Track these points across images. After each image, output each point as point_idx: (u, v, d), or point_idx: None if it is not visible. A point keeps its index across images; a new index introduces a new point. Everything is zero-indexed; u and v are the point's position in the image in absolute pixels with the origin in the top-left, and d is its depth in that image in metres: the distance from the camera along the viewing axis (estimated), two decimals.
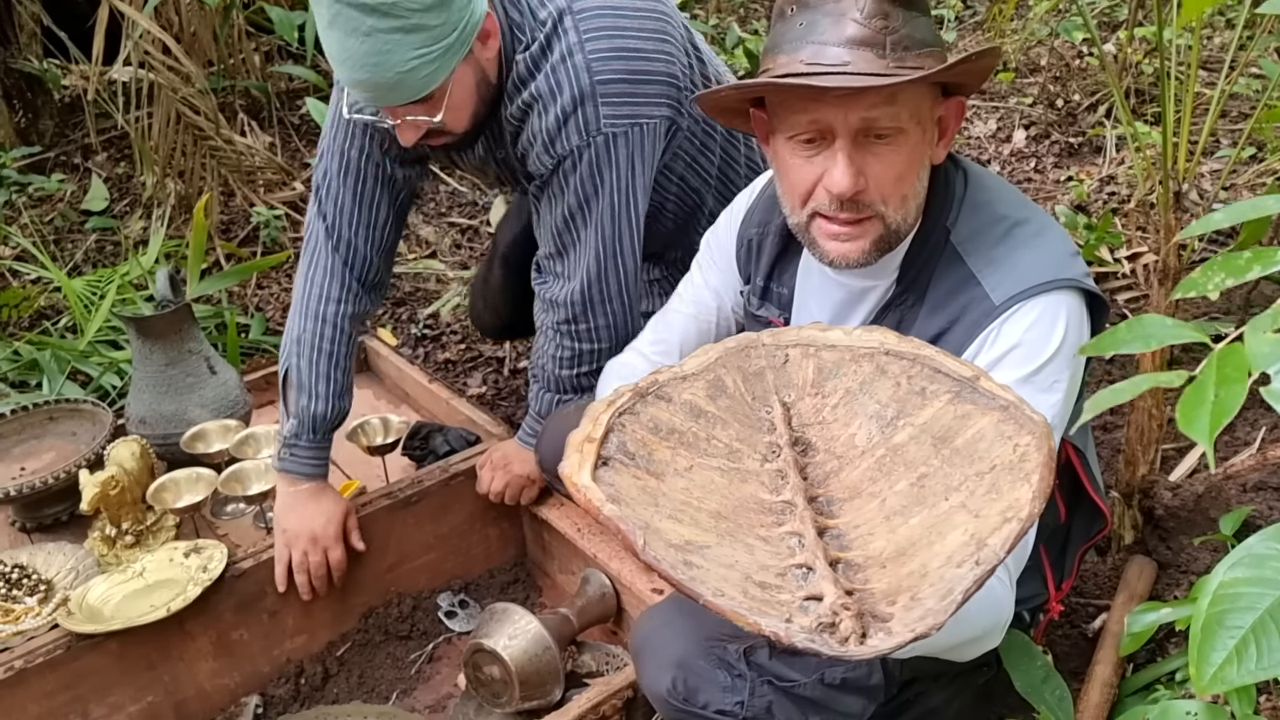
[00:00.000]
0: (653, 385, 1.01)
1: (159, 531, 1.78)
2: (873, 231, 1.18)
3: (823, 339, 1.10)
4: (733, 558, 0.83)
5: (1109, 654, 1.52)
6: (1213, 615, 0.81)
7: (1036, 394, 1.13)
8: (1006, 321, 1.15)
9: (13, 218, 3.40)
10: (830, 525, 0.92)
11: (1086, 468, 1.32)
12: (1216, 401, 0.68)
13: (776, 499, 0.94)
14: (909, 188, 1.17)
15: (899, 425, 0.98)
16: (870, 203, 1.16)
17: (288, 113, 4.01)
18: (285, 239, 3.39)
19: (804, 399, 1.08)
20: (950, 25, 4.68)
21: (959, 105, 1.21)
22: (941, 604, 0.76)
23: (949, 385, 0.97)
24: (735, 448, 1.00)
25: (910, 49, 1.10)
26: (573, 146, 1.52)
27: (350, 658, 1.75)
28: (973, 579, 0.77)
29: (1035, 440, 0.87)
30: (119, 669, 1.55)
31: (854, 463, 0.98)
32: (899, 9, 1.11)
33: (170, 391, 1.91)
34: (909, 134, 1.14)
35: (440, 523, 1.83)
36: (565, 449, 0.91)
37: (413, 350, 2.90)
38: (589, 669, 1.65)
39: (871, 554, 0.87)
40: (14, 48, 3.66)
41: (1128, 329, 0.79)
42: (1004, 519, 0.81)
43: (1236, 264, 0.73)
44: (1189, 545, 1.72)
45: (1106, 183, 3.27)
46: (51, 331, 2.84)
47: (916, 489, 0.91)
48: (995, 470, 0.87)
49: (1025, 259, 1.17)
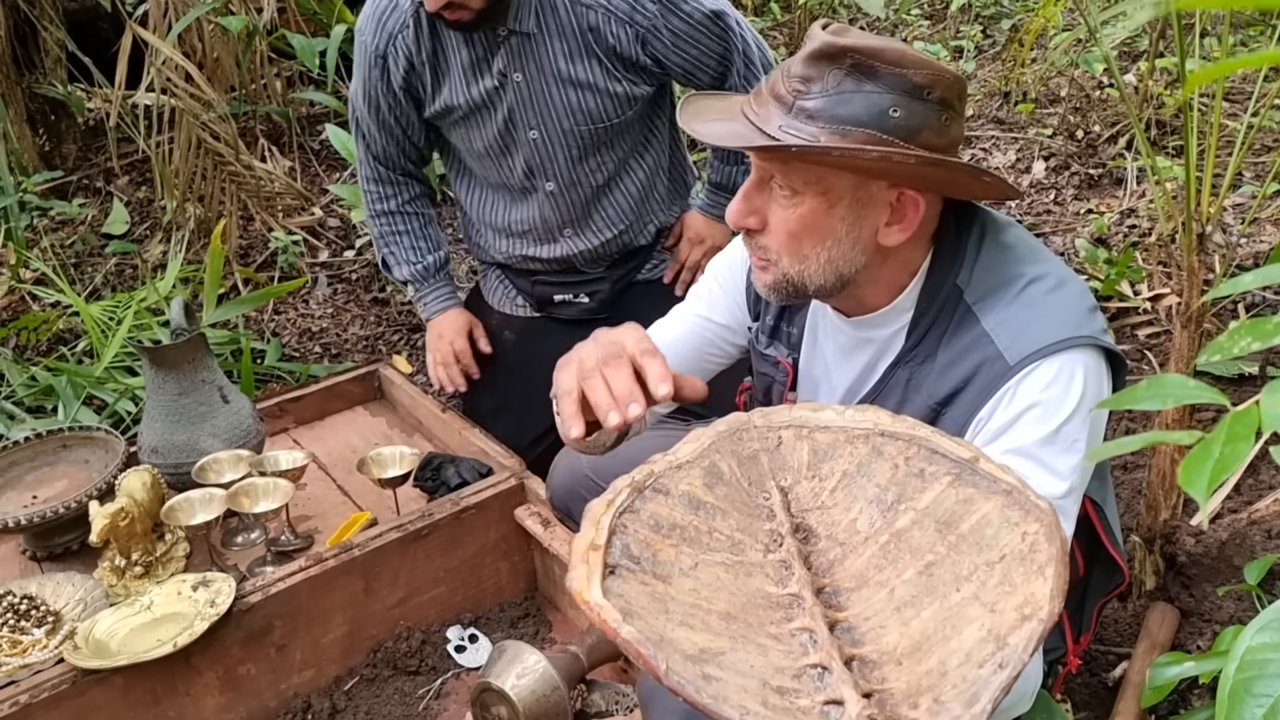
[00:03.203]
0: (649, 478, 0.99)
1: (168, 561, 1.78)
2: (771, 273, 1.19)
3: (815, 420, 1.08)
4: (748, 663, 0.82)
5: (1130, 705, 1.49)
6: (1239, 682, 0.79)
7: (1057, 454, 1.11)
8: (1023, 381, 1.12)
9: (34, 241, 3.43)
10: (840, 619, 0.90)
11: (1105, 522, 1.29)
12: (1219, 459, 0.67)
13: (783, 592, 0.92)
14: (809, 250, 1.15)
15: (900, 510, 0.97)
16: (765, 247, 1.18)
17: (308, 138, 4.04)
18: (303, 264, 3.40)
19: (801, 482, 1.06)
20: (969, 55, 4.67)
21: (912, 199, 1.14)
22: (970, 711, 0.75)
23: (948, 467, 0.96)
24: (737, 539, 0.98)
25: (817, 119, 1.07)
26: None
27: (358, 693, 1.73)
28: (999, 684, 0.76)
29: (1044, 529, 0.85)
30: (124, 704, 1.53)
31: (858, 550, 0.97)
32: (840, 77, 1.07)
33: (183, 421, 1.90)
34: (805, 200, 1.12)
35: (451, 556, 1.82)
36: (571, 558, 0.89)
37: (427, 378, 2.90)
38: (598, 709, 1.62)
39: (885, 649, 0.85)
40: (39, 73, 3.71)
41: (1147, 387, 0.78)
42: (1022, 616, 0.80)
43: (1264, 329, 0.72)
44: (1212, 593, 1.69)
45: (1127, 215, 3.24)
46: (68, 356, 2.86)
47: (925, 578, 0.90)
48: (1006, 560, 0.86)
49: (1040, 317, 1.14)
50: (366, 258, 3.45)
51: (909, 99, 1.07)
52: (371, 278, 3.40)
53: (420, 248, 2.19)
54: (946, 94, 1.10)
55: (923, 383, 1.20)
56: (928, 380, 1.20)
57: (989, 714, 0.76)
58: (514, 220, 2.09)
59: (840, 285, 1.19)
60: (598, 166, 2.00)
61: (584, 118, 1.92)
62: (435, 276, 2.22)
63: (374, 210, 2.18)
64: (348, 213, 3.46)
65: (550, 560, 1.82)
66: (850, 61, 1.07)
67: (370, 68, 1.96)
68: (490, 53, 1.88)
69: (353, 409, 2.37)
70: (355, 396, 2.38)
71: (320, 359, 3.01)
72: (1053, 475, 1.11)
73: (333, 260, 3.52)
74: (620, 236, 2.11)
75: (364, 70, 1.98)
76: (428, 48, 1.89)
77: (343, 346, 3.08)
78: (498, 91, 1.91)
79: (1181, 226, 1.55)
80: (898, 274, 1.21)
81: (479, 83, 1.91)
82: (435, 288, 2.22)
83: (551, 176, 2.00)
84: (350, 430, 2.29)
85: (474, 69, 1.90)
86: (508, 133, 1.95)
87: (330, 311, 3.27)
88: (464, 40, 1.87)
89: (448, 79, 1.93)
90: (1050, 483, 1.10)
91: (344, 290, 3.39)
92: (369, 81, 1.98)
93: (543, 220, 2.06)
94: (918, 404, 1.21)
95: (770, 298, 1.24)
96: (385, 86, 1.97)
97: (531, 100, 1.91)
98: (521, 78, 1.89)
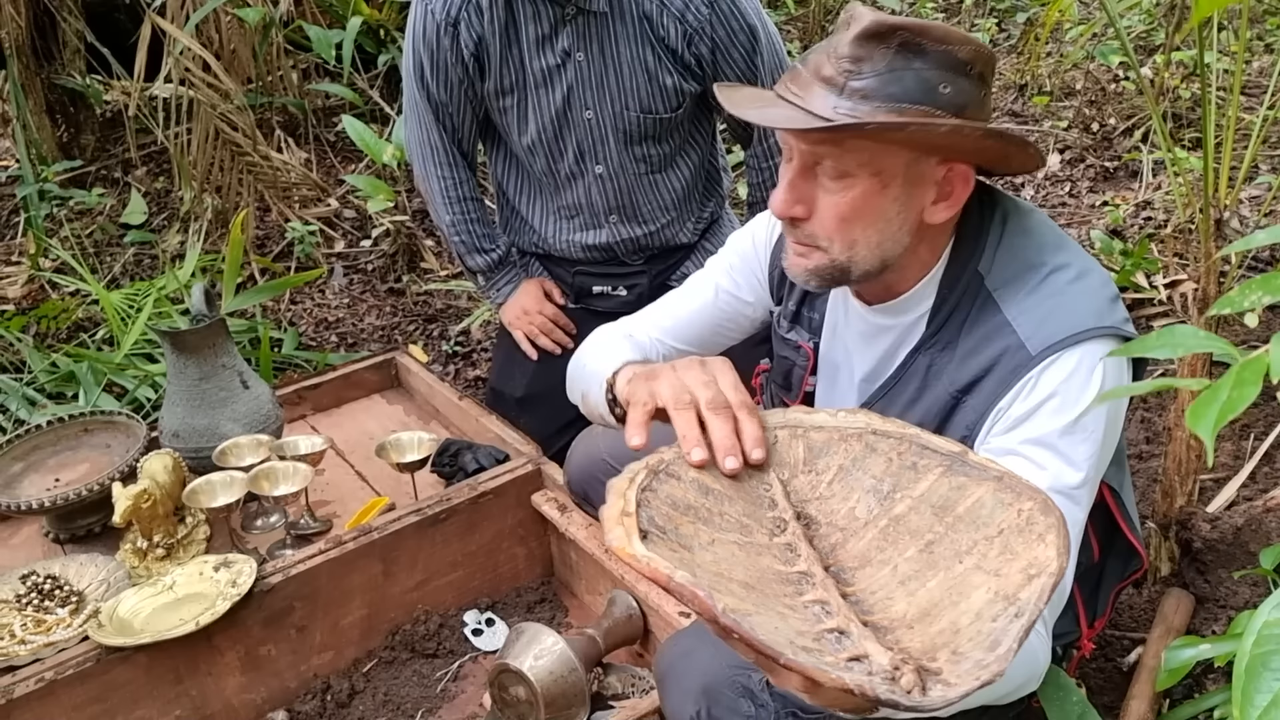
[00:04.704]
0: (661, 464, 1.02)
1: (189, 544, 1.80)
2: (815, 259, 1.18)
3: (809, 421, 1.11)
4: (773, 624, 0.84)
5: (1145, 689, 1.50)
6: (1257, 657, 0.79)
7: (1076, 444, 1.11)
8: (1045, 371, 1.12)
9: (54, 230, 3.46)
10: (849, 593, 0.93)
11: (1122, 507, 1.29)
12: (1226, 401, 0.68)
13: (792, 570, 0.95)
14: (859, 234, 1.14)
15: (896, 498, 1.00)
16: (812, 234, 1.16)
17: (323, 129, 4.06)
18: (319, 254, 3.42)
19: (798, 476, 1.08)
20: None
21: (962, 173, 1.15)
22: (993, 654, 0.77)
23: (939, 460, 1.00)
24: (745, 523, 1.00)
25: (872, 99, 1.06)
26: None
27: (377, 675, 1.75)
28: (1017, 630, 0.78)
29: (1038, 505, 0.88)
30: (147, 682, 1.55)
31: (858, 534, 0.99)
32: (889, 56, 1.07)
33: (203, 405, 1.92)
34: (859, 181, 1.11)
35: (468, 541, 1.83)
36: (604, 522, 0.91)
37: (443, 367, 2.92)
38: (614, 691, 1.64)
39: (895, 617, 0.88)
40: (58, 64, 3.73)
41: (1158, 337, 0.78)
42: (1029, 576, 0.82)
43: (1275, 283, 0.72)
44: (1227, 579, 1.69)
45: (1142, 208, 3.24)
46: (89, 344, 2.88)
47: (926, 555, 0.92)
48: (1004, 534, 0.89)
49: (1063, 307, 1.14)
50: (382, 248, 3.47)
51: (955, 75, 1.08)
52: (387, 268, 3.42)
53: (492, 234, 2.21)
54: (985, 69, 1.11)
55: (943, 370, 1.20)
56: (948, 367, 1.20)
57: (1015, 652, 0.77)
58: (562, 205, 2.12)
59: (882, 269, 1.18)
60: (643, 156, 2.03)
61: (636, 104, 1.95)
62: (506, 263, 2.24)
63: (449, 197, 2.14)
64: (364, 203, 3.48)
65: (566, 545, 1.83)
66: (899, 40, 1.07)
67: (440, 37, 1.93)
68: (556, 30, 1.91)
69: (369, 396, 2.38)
70: (372, 384, 2.39)
71: (336, 348, 3.03)
72: (1070, 465, 1.11)
73: (349, 250, 3.54)
74: (663, 230, 2.14)
75: (430, 46, 1.95)
76: (500, 17, 1.91)
77: (359, 336, 3.10)
78: (559, 69, 1.94)
79: (1200, 212, 1.55)
80: (928, 256, 1.21)
81: (543, 58, 1.93)
82: (506, 272, 2.24)
83: (601, 160, 2.02)
84: (367, 417, 2.31)
85: (539, 44, 1.93)
86: (565, 112, 1.98)
87: (346, 301, 3.29)
88: (533, 14, 1.89)
89: (514, 51, 1.95)
90: (1067, 472, 1.11)
91: (360, 280, 3.40)
92: (438, 54, 1.95)
93: (589, 204, 2.09)
94: (938, 391, 1.21)
95: (809, 284, 1.22)
96: (455, 56, 1.94)
97: (591, 80, 1.94)
98: (584, 57, 1.91)
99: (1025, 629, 0.78)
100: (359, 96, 3.94)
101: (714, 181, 2.23)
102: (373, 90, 4.04)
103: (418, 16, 1.96)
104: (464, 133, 2.09)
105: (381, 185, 3.31)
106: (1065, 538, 0.84)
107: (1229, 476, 2.02)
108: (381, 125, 3.84)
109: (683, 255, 2.22)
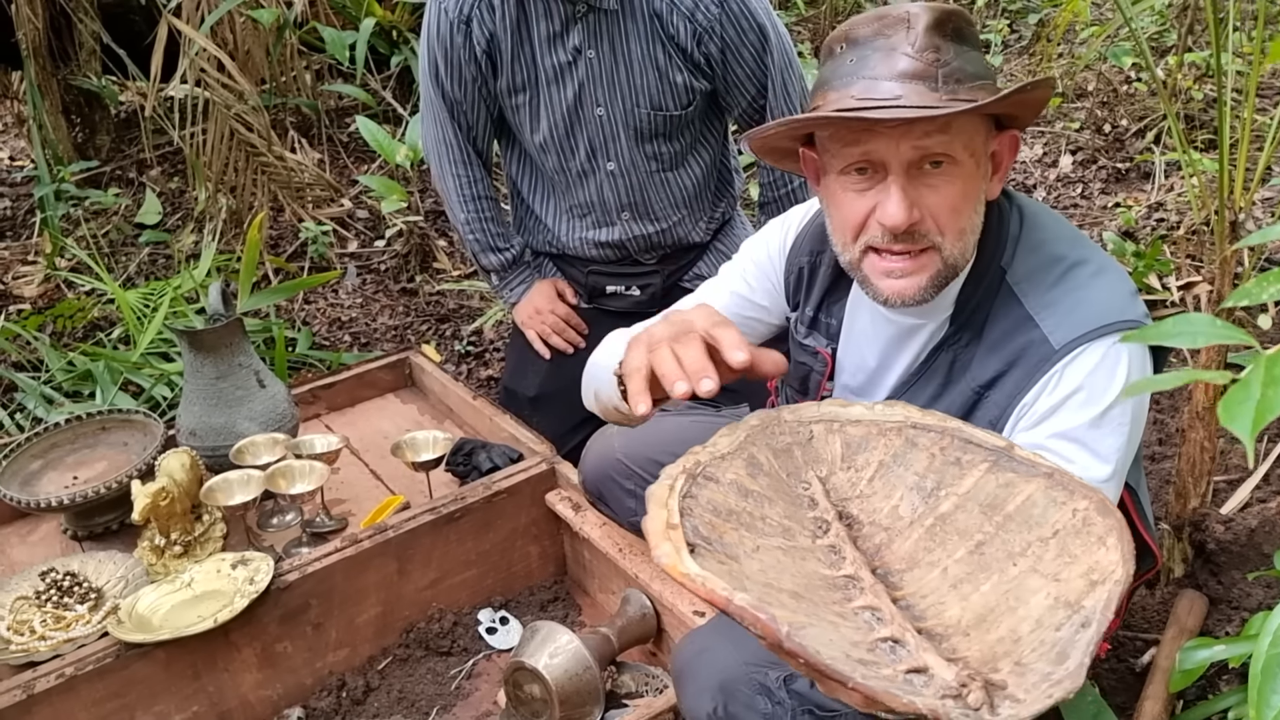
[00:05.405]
0: (697, 466, 0.98)
1: (206, 542, 1.81)
2: (930, 266, 1.15)
3: (845, 414, 1.08)
4: (826, 636, 0.80)
5: (1159, 690, 1.50)
6: (1273, 656, 0.79)
7: (1103, 438, 1.11)
8: (1069, 365, 1.13)
9: (70, 230, 3.48)
10: (897, 597, 0.89)
11: (1139, 505, 1.29)
12: (1262, 399, 0.66)
13: (838, 574, 0.91)
14: (965, 220, 1.15)
15: (941, 495, 0.96)
16: (926, 233, 1.14)
17: (337, 130, 4.08)
18: (332, 255, 3.44)
19: (836, 473, 1.05)
20: (996, 49, 4.66)
21: (1013, 139, 1.20)
22: (1062, 668, 0.74)
23: (984, 455, 0.96)
24: (786, 525, 0.97)
25: (962, 82, 1.10)
26: None
27: (391, 672, 1.76)
28: (1086, 642, 0.75)
29: (1094, 505, 0.85)
30: (165, 678, 1.57)
31: (903, 534, 0.96)
32: (950, 43, 1.11)
33: (220, 404, 1.94)
34: (963, 165, 1.12)
35: (482, 539, 1.84)
36: (649, 536, 0.87)
37: (456, 367, 2.93)
38: (628, 689, 1.65)
39: (949, 623, 0.84)
40: (74, 64, 3.76)
41: (1174, 324, 0.77)
42: (1091, 582, 0.79)
43: None
44: (1241, 580, 1.69)
45: (1155, 209, 3.23)
46: (105, 343, 2.90)
47: (977, 556, 0.89)
48: (1060, 535, 0.85)
49: (1085, 301, 1.15)
50: (395, 248, 3.48)
51: (978, 46, 1.16)
52: (400, 268, 3.43)
53: (506, 234, 2.22)
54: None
55: (967, 366, 1.20)
56: (971, 363, 1.20)
57: (1087, 666, 0.74)
58: (574, 203, 2.13)
59: (968, 257, 1.19)
60: (654, 154, 2.04)
61: (647, 101, 1.96)
62: (520, 263, 2.25)
63: (463, 195, 2.16)
64: (377, 204, 3.49)
65: (580, 544, 1.84)
66: (953, 25, 1.12)
67: (453, 34, 1.95)
68: (567, 28, 1.92)
69: (384, 396, 2.40)
70: (386, 384, 2.41)
71: (350, 348, 3.04)
72: (1097, 459, 1.12)
73: (362, 251, 3.56)
74: (675, 228, 2.15)
75: (444, 43, 1.97)
76: (512, 14, 1.92)
77: (372, 336, 3.11)
78: (570, 67, 1.95)
79: (1215, 215, 1.55)
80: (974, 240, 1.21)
81: (554, 56, 1.94)
82: (519, 272, 2.25)
83: (613, 156, 2.03)
84: (381, 417, 2.32)
85: (550, 42, 1.94)
86: (576, 109, 1.99)
87: (359, 301, 3.30)
88: (545, 11, 1.90)
89: (526, 48, 1.96)
90: (1095, 466, 1.11)
91: (373, 280, 3.42)
92: (451, 52, 1.97)
93: (602, 201, 2.10)
94: (961, 387, 1.21)
95: (922, 296, 1.18)
96: (468, 53, 1.96)
97: (602, 77, 1.95)
98: (595, 54, 1.92)
99: (1094, 640, 0.76)
100: (372, 97, 3.96)
101: (726, 182, 2.23)
102: (385, 91, 4.06)
103: (432, 15, 1.98)
104: (478, 130, 2.10)
105: (395, 186, 3.32)
106: (1129, 542, 0.82)
107: (1242, 478, 2.02)
108: (394, 126, 3.86)
109: (696, 255, 2.22)
